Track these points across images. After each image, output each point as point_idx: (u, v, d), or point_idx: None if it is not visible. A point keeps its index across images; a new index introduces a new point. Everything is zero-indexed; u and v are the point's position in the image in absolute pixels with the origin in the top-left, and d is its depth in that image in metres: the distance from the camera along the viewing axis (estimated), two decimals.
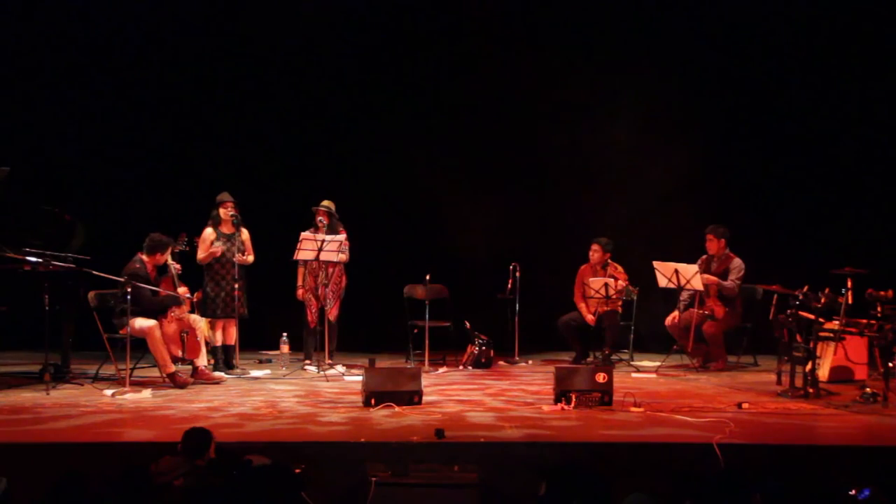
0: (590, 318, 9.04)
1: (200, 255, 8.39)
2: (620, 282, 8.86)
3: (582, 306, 9.14)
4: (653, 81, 9.76)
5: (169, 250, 7.83)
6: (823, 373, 7.71)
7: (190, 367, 7.84)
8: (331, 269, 8.63)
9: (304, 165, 10.21)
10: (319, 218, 8.64)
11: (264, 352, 9.53)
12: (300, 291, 8.78)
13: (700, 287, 8.50)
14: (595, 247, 9.06)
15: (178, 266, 7.95)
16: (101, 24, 10.03)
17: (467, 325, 9.10)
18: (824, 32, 9.83)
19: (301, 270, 8.76)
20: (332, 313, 8.69)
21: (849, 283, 7.09)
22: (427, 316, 8.82)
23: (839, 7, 9.75)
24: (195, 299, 8.34)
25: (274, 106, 10.30)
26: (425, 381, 7.03)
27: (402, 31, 10.28)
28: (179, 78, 10.17)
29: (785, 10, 9.83)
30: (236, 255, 8.37)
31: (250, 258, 8.55)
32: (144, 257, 7.72)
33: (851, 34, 9.79)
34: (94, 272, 7.57)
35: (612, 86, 9.94)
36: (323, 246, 8.20)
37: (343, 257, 8.73)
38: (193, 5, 10.09)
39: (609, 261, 9.10)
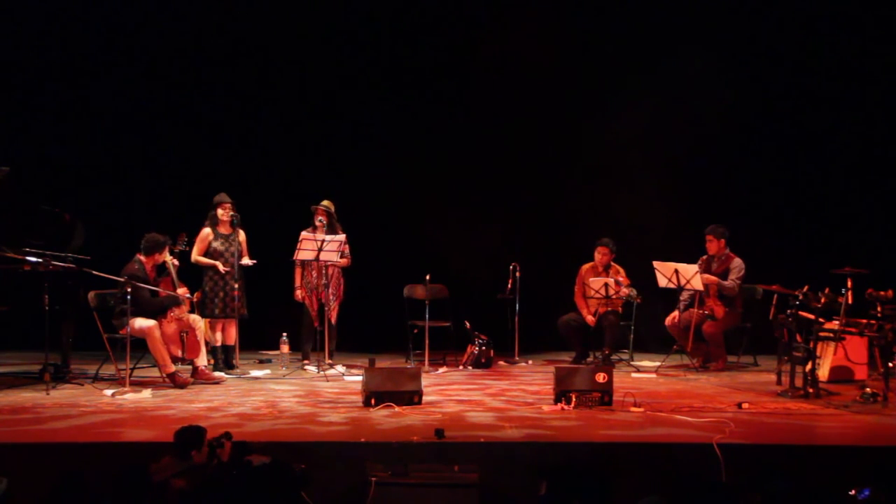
0: (590, 318, 9.04)
1: (195, 254, 8.41)
2: (624, 288, 8.84)
3: (582, 306, 9.15)
4: (654, 81, 9.76)
5: (166, 249, 7.82)
6: (823, 373, 7.72)
7: (190, 367, 7.84)
8: (330, 270, 8.63)
9: (304, 165, 10.22)
10: (319, 218, 8.64)
11: (264, 352, 9.54)
12: (298, 292, 8.77)
13: (700, 287, 8.50)
14: (603, 249, 9.06)
15: (176, 262, 7.94)
16: (101, 24, 10.04)
17: (467, 325, 9.10)
18: (823, 32, 9.84)
19: (299, 271, 8.76)
20: (333, 315, 8.69)
21: (849, 283, 7.10)
22: (427, 316, 8.82)
23: (835, 9, 9.77)
24: (195, 299, 8.34)
25: (274, 105, 10.32)
26: (425, 381, 7.03)
27: (403, 29, 10.29)
28: (179, 78, 10.18)
29: (784, 11, 9.84)
30: (243, 259, 8.39)
31: (247, 260, 8.56)
32: (143, 258, 7.72)
33: (849, 34, 9.80)
34: (94, 272, 7.57)
35: (613, 86, 9.95)
36: (323, 246, 8.20)
37: (344, 261, 8.73)
38: (194, 5, 10.09)
39: (611, 262, 9.11)
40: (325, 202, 8.75)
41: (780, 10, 9.85)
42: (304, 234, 8.48)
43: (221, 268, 8.38)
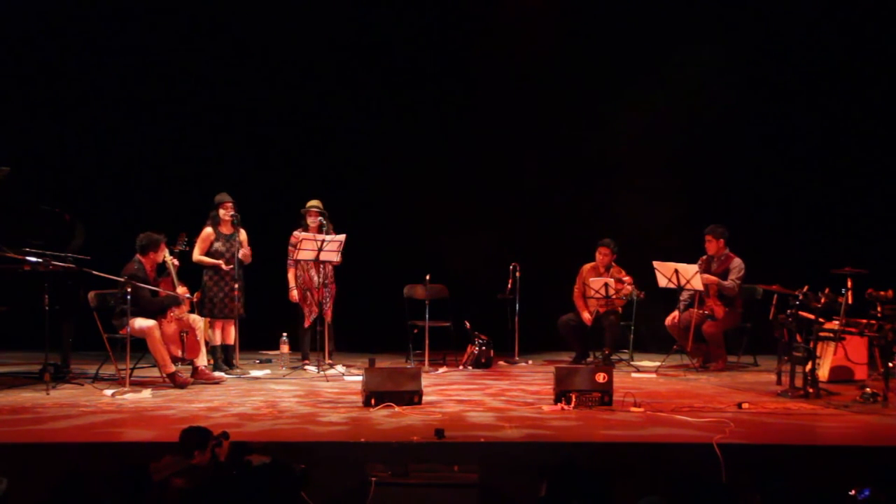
0: (586, 316, 9.05)
1: (197, 254, 8.41)
2: (627, 286, 8.82)
3: (580, 305, 9.14)
4: (654, 82, 9.76)
5: (162, 246, 7.80)
6: (823, 373, 7.71)
7: (190, 367, 7.84)
8: (327, 269, 8.63)
9: (303, 165, 10.22)
10: (320, 219, 8.63)
11: (264, 352, 9.54)
12: (294, 293, 8.74)
13: (700, 287, 8.50)
14: (604, 250, 9.05)
15: (176, 262, 7.93)
16: (100, 24, 10.03)
17: (467, 325, 9.10)
18: (824, 33, 9.83)
19: (292, 272, 8.74)
20: (329, 314, 8.69)
21: (849, 283, 7.10)
22: (427, 316, 8.82)
23: (836, 9, 9.76)
24: (195, 299, 8.34)
25: (273, 105, 10.30)
26: (425, 381, 7.03)
27: (403, 28, 10.28)
28: (180, 78, 10.18)
29: (784, 11, 9.84)
30: (241, 251, 8.39)
31: (247, 251, 8.55)
32: (141, 257, 7.72)
33: (849, 34, 9.80)
34: (94, 272, 7.57)
35: (614, 86, 9.95)
36: (323, 246, 8.20)
37: (338, 259, 8.72)
38: (192, 6, 10.09)
39: (613, 263, 9.10)
40: (317, 202, 8.73)
41: (780, 10, 9.84)
42: (301, 234, 8.46)
43: (225, 266, 8.38)
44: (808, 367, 7.04)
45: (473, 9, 10.24)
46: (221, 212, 8.46)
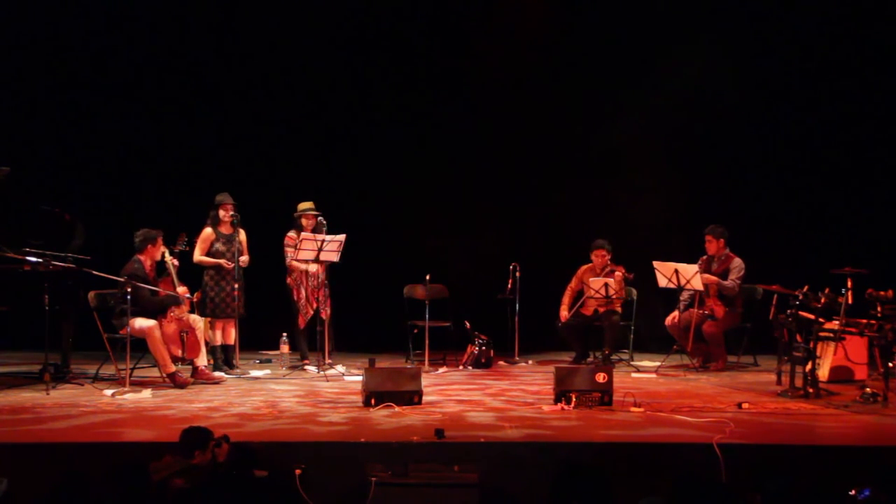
0: (564, 314, 9.06)
1: (197, 254, 8.41)
2: (618, 273, 8.81)
3: (565, 301, 9.13)
4: (654, 81, 9.77)
5: (160, 241, 7.79)
6: (823, 373, 7.71)
7: (190, 366, 7.84)
8: (322, 269, 8.64)
9: (303, 165, 10.21)
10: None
11: (264, 352, 9.54)
12: (300, 291, 8.74)
13: (700, 287, 8.50)
14: (601, 252, 9.04)
15: (176, 262, 7.92)
16: (100, 24, 10.03)
17: (467, 325, 9.10)
18: (822, 31, 9.83)
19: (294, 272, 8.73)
20: (327, 312, 8.68)
21: (849, 283, 7.10)
22: (427, 316, 8.82)
23: (836, 9, 9.76)
24: (195, 299, 8.34)
25: (274, 106, 10.30)
26: (425, 381, 7.03)
27: (402, 29, 10.28)
28: (180, 77, 10.18)
29: (784, 11, 9.84)
30: (241, 258, 8.39)
31: (246, 258, 8.56)
32: (141, 256, 7.72)
33: (849, 34, 9.80)
34: (94, 272, 7.57)
35: (613, 85, 9.96)
36: (323, 246, 8.20)
37: (337, 259, 8.71)
38: (192, 7, 10.09)
39: (609, 262, 9.09)
40: (310, 204, 8.72)
41: (780, 11, 9.84)
42: (302, 234, 8.46)
43: (226, 264, 8.38)
44: (808, 367, 7.05)
45: (473, 8, 10.23)
46: (221, 212, 8.46)
